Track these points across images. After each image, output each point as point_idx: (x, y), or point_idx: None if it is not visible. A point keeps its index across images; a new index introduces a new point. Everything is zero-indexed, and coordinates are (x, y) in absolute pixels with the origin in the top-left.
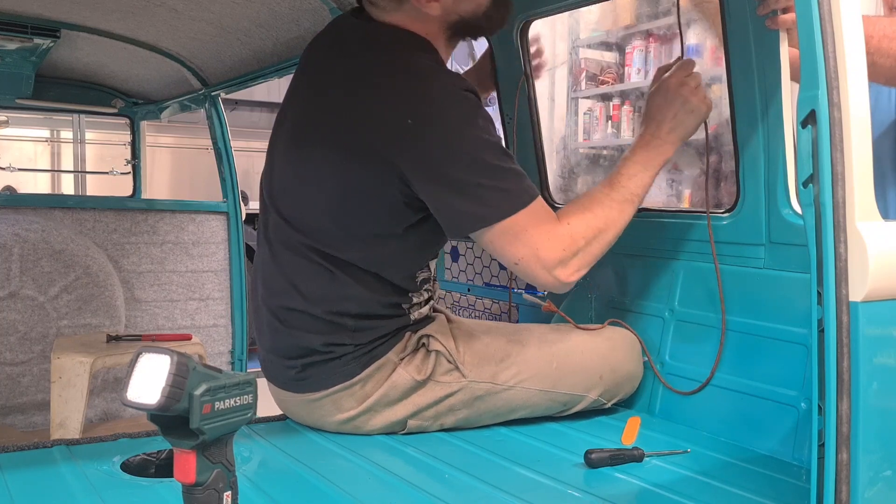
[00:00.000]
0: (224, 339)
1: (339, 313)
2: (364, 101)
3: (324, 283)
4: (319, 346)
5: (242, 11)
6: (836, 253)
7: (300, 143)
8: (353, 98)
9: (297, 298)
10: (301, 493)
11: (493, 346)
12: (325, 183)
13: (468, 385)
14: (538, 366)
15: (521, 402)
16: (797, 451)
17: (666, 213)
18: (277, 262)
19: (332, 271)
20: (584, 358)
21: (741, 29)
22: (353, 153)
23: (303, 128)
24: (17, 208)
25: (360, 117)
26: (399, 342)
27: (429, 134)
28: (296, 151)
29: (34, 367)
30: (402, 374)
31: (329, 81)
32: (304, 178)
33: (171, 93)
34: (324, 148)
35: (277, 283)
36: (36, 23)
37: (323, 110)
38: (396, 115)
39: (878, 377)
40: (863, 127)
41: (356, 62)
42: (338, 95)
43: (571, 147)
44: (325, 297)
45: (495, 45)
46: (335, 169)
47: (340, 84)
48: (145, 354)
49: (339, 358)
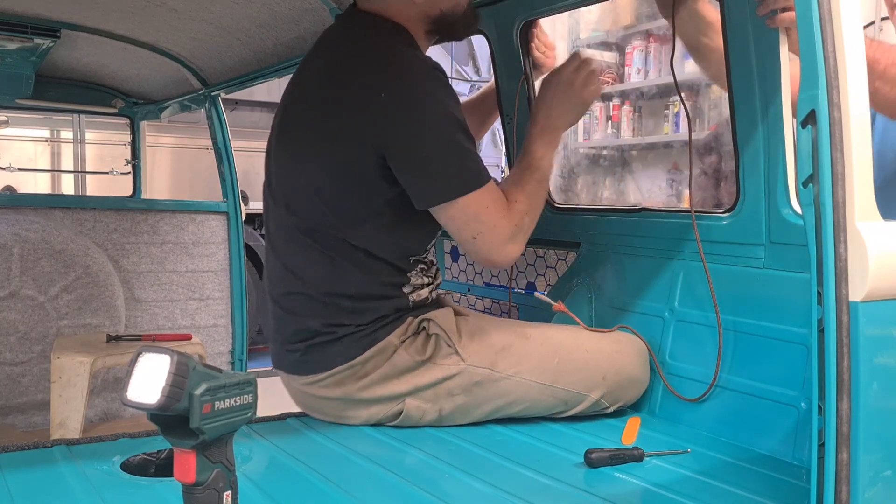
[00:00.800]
0: (224, 339)
1: (336, 294)
2: (341, 82)
3: (319, 265)
4: (320, 328)
5: (242, 11)
6: (836, 253)
7: (289, 130)
8: (332, 81)
9: (296, 283)
10: (301, 493)
11: (496, 335)
12: (311, 164)
13: (467, 369)
14: (539, 359)
15: (521, 395)
16: (797, 451)
17: (654, 212)
18: (277, 252)
19: (325, 253)
20: (588, 357)
21: (741, 29)
22: (333, 133)
23: (291, 116)
24: (17, 208)
25: (338, 97)
26: (400, 325)
27: (401, 108)
28: (286, 139)
29: (34, 367)
30: (403, 355)
31: (313, 69)
32: (294, 161)
33: (171, 93)
34: (309, 131)
35: (277, 271)
36: (36, 23)
37: (308, 96)
38: (370, 92)
39: (878, 377)
40: (863, 127)
41: (335, 50)
42: (320, 81)
43: (571, 147)
44: (322, 279)
45: (495, 45)
46: (319, 149)
47: (323, 70)
48: (145, 354)
49: (341, 339)
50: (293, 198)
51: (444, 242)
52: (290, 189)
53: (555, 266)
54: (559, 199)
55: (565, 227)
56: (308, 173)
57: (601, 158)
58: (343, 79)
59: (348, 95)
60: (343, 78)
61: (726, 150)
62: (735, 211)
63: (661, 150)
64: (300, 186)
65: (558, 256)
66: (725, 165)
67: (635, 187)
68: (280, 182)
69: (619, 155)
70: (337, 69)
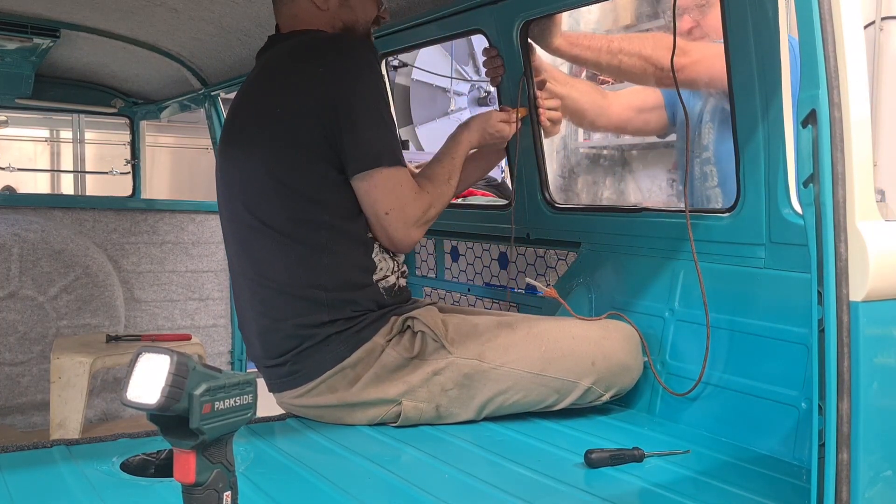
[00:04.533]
0: (224, 339)
1: (310, 286)
2: (283, 74)
3: (287, 258)
4: (304, 332)
5: (242, 11)
6: (836, 253)
7: (236, 132)
8: (269, 81)
9: (269, 285)
10: (301, 493)
11: (481, 327)
12: (261, 152)
13: (455, 362)
14: (526, 348)
15: (511, 384)
16: (797, 451)
17: (654, 212)
18: (242, 263)
19: (290, 245)
20: (574, 343)
21: (741, 29)
22: (280, 117)
23: (237, 121)
24: (17, 208)
25: (282, 85)
26: (384, 325)
27: (337, 77)
28: (234, 140)
29: (34, 368)
30: (391, 354)
31: (249, 83)
32: (246, 155)
33: (170, 93)
34: (257, 124)
35: (249, 284)
36: (36, 23)
37: (249, 102)
38: (310, 71)
39: (878, 377)
40: (863, 127)
41: (267, 61)
42: (257, 86)
43: (571, 147)
44: (292, 273)
45: (495, 45)
46: (268, 135)
47: (258, 78)
48: (145, 354)
49: (327, 342)
50: (250, 193)
51: (444, 242)
52: (246, 185)
53: (555, 266)
54: (559, 199)
55: (565, 227)
56: (260, 163)
57: (601, 158)
58: (284, 69)
59: (292, 77)
60: (284, 69)
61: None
62: (735, 211)
63: (661, 150)
64: (255, 178)
65: (558, 256)
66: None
67: (635, 187)
68: (234, 183)
69: (619, 155)
70: (278, 65)
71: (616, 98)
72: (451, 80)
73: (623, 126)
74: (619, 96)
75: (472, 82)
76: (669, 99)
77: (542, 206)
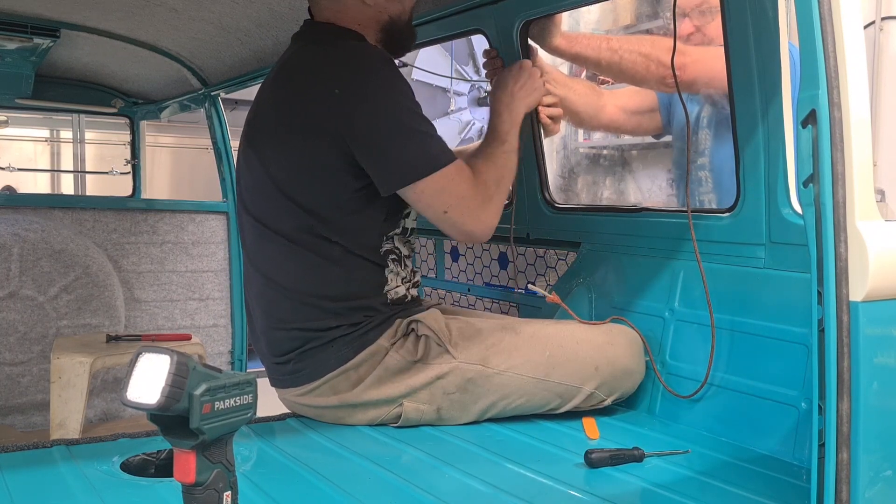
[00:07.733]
0: (224, 339)
1: (318, 296)
2: (301, 83)
3: (297, 267)
4: (309, 333)
5: (242, 11)
6: (836, 253)
7: (256, 138)
8: (292, 84)
9: (277, 289)
10: (301, 493)
11: (485, 331)
12: (276, 163)
13: (458, 366)
14: (530, 353)
15: (515, 389)
16: (797, 451)
17: (654, 212)
18: (255, 264)
19: (301, 254)
20: (578, 348)
21: (741, 28)
22: (297, 130)
23: (257, 125)
24: (17, 208)
25: (299, 97)
26: (389, 328)
27: (357, 99)
28: (253, 147)
29: (34, 368)
30: (395, 357)
31: (276, 79)
32: (262, 164)
33: (171, 93)
34: (274, 134)
35: (258, 284)
36: (36, 23)
37: (267, 105)
38: (328, 86)
39: (878, 377)
40: (863, 127)
41: (295, 59)
42: (277, 88)
43: (571, 147)
44: (301, 281)
45: (495, 45)
46: (284, 148)
47: (284, 78)
48: (145, 354)
49: (332, 343)
50: (263, 202)
51: (444, 242)
52: (260, 193)
53: (555, 266)
54: (559, 199)
55: (565, 227)
56: (274, 173)
57: (601, 158)
58: (302, 80)
59: (308, 93)
60: (302, 79)
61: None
62: (735, 211)
63: (661, 150)
64: (269, 188)
65: (558, 256)
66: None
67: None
68: (250, 189)
69: (619, 155)
70: (297, 72)
71: (611, 98)
72: (451, 80)
73: (616, 127)
74: (615, 96)
75: (472, 82)
76: (665, 101)
77: (542, 206)
